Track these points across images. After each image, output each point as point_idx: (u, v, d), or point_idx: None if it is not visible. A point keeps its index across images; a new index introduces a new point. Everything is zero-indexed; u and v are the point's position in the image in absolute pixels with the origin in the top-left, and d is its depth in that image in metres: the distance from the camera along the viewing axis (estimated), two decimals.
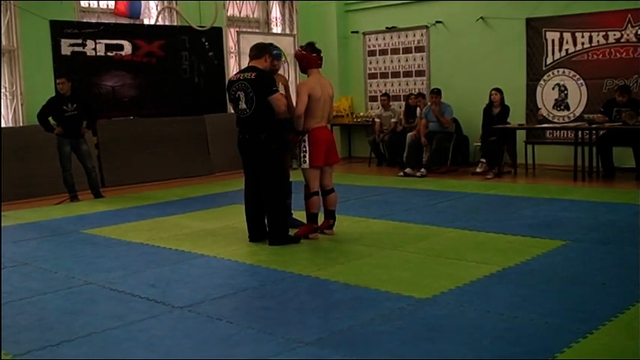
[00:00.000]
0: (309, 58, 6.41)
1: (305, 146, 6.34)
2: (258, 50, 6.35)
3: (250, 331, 4.05)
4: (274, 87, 6.17)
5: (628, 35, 10.41)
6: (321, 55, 6.50)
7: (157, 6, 11.90)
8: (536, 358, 3.47)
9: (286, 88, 6.62)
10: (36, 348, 3.84)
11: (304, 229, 6.50)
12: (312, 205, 6.46)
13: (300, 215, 6.82)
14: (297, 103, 6.26)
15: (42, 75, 9.35)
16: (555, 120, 11.21)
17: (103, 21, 11.09)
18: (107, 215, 8.25)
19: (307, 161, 6.34)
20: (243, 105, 6.16)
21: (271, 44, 6.69)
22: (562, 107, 11.19)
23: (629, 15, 10.36)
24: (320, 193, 6.52)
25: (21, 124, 10.07)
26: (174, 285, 5.12)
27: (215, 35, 12.30)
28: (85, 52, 10.72)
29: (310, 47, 6.42)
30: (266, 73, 6.25)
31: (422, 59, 12.92)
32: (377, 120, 12.63)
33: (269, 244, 6.26)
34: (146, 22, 11.79)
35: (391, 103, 12.78)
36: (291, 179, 6.88)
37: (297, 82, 13.78)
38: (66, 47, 10.51)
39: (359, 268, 5.42)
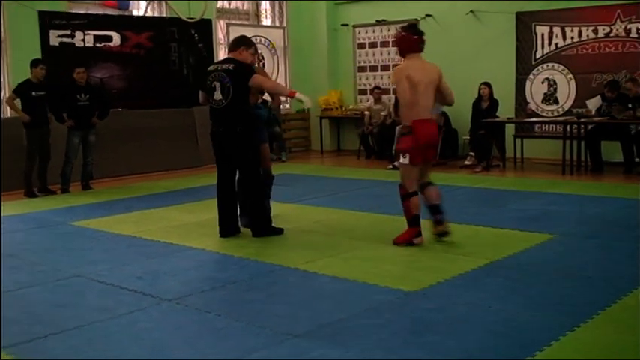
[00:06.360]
0: (409, 40, 5.74)
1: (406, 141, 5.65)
2: (234, 43, 6.38)
3: (239, 324, 4.05)
4: (252, 72, 6.15)
5: (617, 30, 10.44)
6: (424, 37, 5.79)
7: None
8: (524, 350, 3.48)
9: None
10: (23, 340, 3.83)
11: (406, 234, 5.81)
12: (412, 207, 5.74)
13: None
14: (398, 92, 5.69)
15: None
16: (544, 114, 11.25)
17: (92, 12, 11.02)
18: (95, 207, 8.21)
19: (407, 157, 5.65)
20: (218, 95, 6.13)
21: (247, 38, 6.63)
22: (551, 101, 11.23)
23: (619, 10, 10.39)
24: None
25: (8, 116, 9.99)
26: (162, 277, 5.11)
27: (204, 27, 12.24)
28: (74, 44, 10.65)
29: (412, 29, 5.79)
30: (244, 64, 6.23)
31: None
32: (366, 112, 12.63)
33: (252, 235, 6.27)
34: (135, 13, 11.73)
35: (382, 95, 12.77)
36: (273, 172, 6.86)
37: (287, 74, 13.80)
38: (54, 38, 10.44)
39: (348, 261, 5.43)
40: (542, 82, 11.28)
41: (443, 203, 5.88)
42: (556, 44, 11.05)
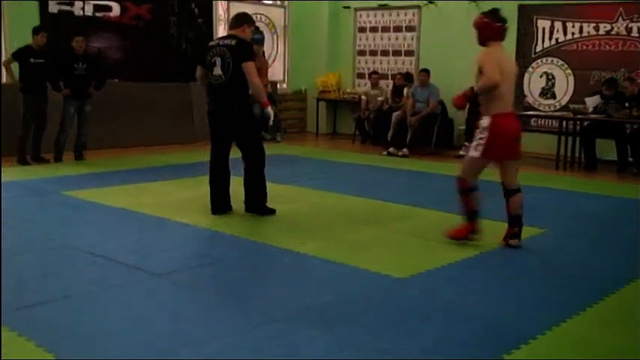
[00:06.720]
0: (491, 27, 5.32)
1: (482, 133, 5.17)
2: (237, 20, 6.31)
3: (227, 302, 4.06)
4: (251, 55, 6.12)
5: (618, 28, 10.43)
6: (507, 25, 5.38)
7: None
8: (506, 344, 3.51)
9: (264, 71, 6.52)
10: (11, 308, 3.81)
11: (464, 230, 5.42)
12: (473, 201, 5.37)
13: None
14: (487, 72, 5.11)
15: (28, 33, 9.20)
16: (541, 108, 11.25)
17: None
18: (89, 178, 8.19)
19: (480, 150, 5.20)
20: (218, 71, 6.07)
21: (249, 15, 6.54)
22: (548, 96, 11.23)
23: (621, 8, 10.37)
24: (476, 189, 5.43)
25: (4, 82, 9.91)
26: (152, 252, 5.11)
27: (205, 2, 12.17)
28: (73, 12, 10.58)
29: (494, 15, 5.34)
30: (246, 42, 6.20)
31: (412, 39, 12.87)
32: (363, 97, 12.61)
33: (245, 210, 6.27)
34: None
35: (379, 81, 12.75)
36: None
37: (286, 54, 13.73)
38: (53, 5, 10.36)
39: (339, 244, 5.44)
40: (541, 76, 11.26)
41: (435, 191, 5.88)
42: (557, 39, 11.03)
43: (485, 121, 5.19)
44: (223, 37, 6.40)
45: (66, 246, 5.19)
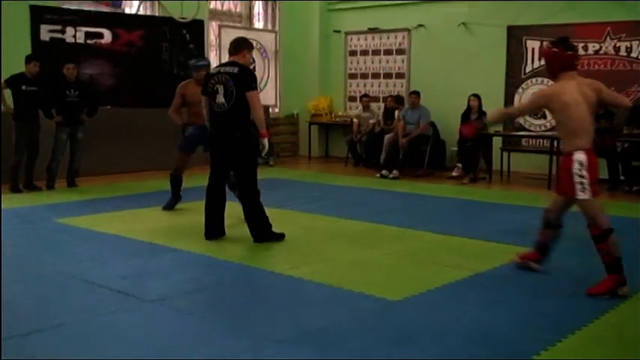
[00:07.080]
0: (562, 57, 4.89)
1: (581, 171, 4.75)
2: (236, 46, 6.26)
3: (221, 328, 4.05)
4: (254, 84, 6.14)
5: (607, 48, 10.53)
6: (578, 53, 5.04)
7: None
8: None
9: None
10: (4, 337, 3.79)
11: (609, 282, 4.71)
12: (612, 247, 4.74)
13: None
14: (521, 104, 5.08)
15: (20, 60, 9.23)
16: (532, 128, 11.31)
17: (84, 8, 10.99)
18: (81, 205, 8.17)
19: (587, 189, 4.76)
20: (221, 99, 6.06)
21: (248, 40, 6.55)
22: (539, 116, 11.28)
23: (609, 27, 10.48)
24: (558, 227, 5.28)
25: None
26: (146, 278, 5.10)
27: (196, 28, 12.22)
28: (64, 39, 10.62)
29: (564, 43, 4.91)
30: (249, 69, 6.24)
31: (402, 62, 12.96)
32: (355, 120, 12.65)
33: (254, 241, 6.18)
34: (127, 11, 11.71)
35: (370, 103, 12.82)
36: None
37: (277, 78, 13.79)
38: (45, 33, 10.40)
39: (333, 267, 5.43)
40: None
41: (428, 213, 5.89)
42: None
43: (581, 157, 4.75)
44: (224, 64, 6.35)
45: (58, 273, 5.17)
